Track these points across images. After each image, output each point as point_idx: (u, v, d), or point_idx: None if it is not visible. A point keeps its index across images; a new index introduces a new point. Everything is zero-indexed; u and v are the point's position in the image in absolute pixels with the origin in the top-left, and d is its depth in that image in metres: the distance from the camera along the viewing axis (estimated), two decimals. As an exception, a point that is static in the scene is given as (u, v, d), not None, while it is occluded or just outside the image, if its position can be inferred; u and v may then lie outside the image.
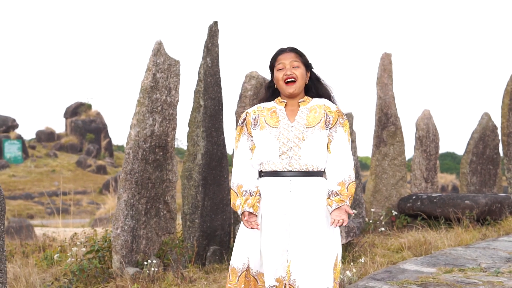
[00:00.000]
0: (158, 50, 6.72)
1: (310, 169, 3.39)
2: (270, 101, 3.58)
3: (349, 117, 9.43)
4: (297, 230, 3.34)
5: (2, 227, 5.17)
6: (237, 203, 3.47)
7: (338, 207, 3.33)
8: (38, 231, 13.64)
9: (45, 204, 29.32)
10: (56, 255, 7.37)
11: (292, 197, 3.37)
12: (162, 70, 6.72)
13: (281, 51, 3.52)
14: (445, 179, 35.75)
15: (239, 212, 3.45)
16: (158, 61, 6.69)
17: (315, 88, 3.56)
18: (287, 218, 3.36)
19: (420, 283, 5.44)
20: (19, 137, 37.96)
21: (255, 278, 3.45)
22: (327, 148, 3.44)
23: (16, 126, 39.23)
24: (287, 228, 3.35)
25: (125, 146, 6.65)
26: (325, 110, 3.45)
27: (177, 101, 6.90)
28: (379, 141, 10.11)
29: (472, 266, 6.17)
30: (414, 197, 9.72)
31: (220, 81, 7.50)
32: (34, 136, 41.82)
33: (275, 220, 3.38)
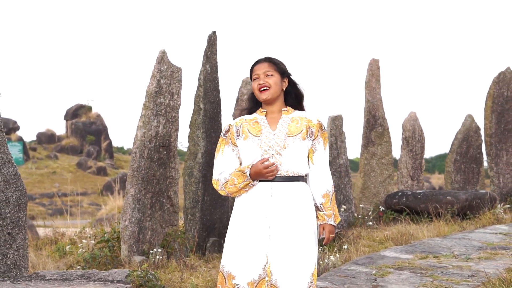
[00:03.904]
0: (162, 58, 7.38)
1: (291, 175, 3.53)
2: (254, 110, 3.73)
3: (339, 119, 10.10)
4: (277, 232, 3.47)
5: (24, 218, 5.84)
6: (240, 179, 3.55)
7: (321, 224, 3.55)
8: (40, 231, 14.22)
9: (46, 205, 29.91)
10: (68, 247, 8.02)
11: (273, 202, 3.50)
12: (166, 76, 7.39)
13: (256, 63, 3.69)
14: (442, 180, 36.38)
15: (247, 173, 3.52)
16: (162, 68, 7.35)
17: (294, 93, 3.70)
18: (267, 222, 3.48)
19: (397, 267, 6.12)
20: (20, 139, 38.45)
21: (224, 278, 3.53)
22: (310, 158, 3.60)
23: (17, 128, 39.72)
24: (267, 231, 3.47)
25: (132, 146, 7.31)
26: (307, 123, 3.60)
27: (179, 104, 7.56)
28: (367, 142, 10.78)
29: (446, 254, 6.85)
30: (400, 194, 10.40)
31: (218, 86, 8.16)
32: (34, 138, 42.33)
33: (256, 224, 3.49)
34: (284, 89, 3.69)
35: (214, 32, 8.11)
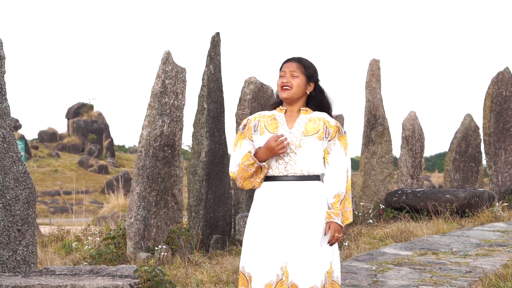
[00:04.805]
0: (167, 59, 7.53)
1: (305, 174, 3.55)
2: (278, 106, 3.76)
3: (340, 118, 10.25)
4: (292, 232, 3.49)
5: (33, 215, 6.00)
6: (245, 159, 3.59)
7: (327, 222, 3.53)
8: (43, 229, 14.38)
9: (48, 203, 30.11)
10: (74, 243, 8.19)
11: (287, 201, 3.53)
12: (170, 77, 7.54)
13: (287, 60, 3.72)
14: (442, 178, 36.47)
15: (252, 152, 3.57)
16: (166, 69, 7.51)
17: (318, 99, 3.71)
18: (282, 221, 3.51)
19: (396, 263, 6.29)
20: (22, 138, 38.56)
21: (246, 279, 3.56)
22: (326, 159, 3.61)
23: (19, 126, 39.88)
24: (283, 230, 3.49)
25: (137, 145, 7.48)
26: (324, 123, 3.61)
27: (184, 104, 7.72)
28: (368, 141, 10.95)
29: (445, 250, 7.02)
30: (400, 192, 10.57)
31: (222, 86, 8.32)
32: (36, 137, 42.53)
33: (271, 223, 3.52)
34: (308, 93, 3.71)
35: (218, 33, 8.26)
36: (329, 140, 3.61)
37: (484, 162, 12.49)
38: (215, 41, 8.23)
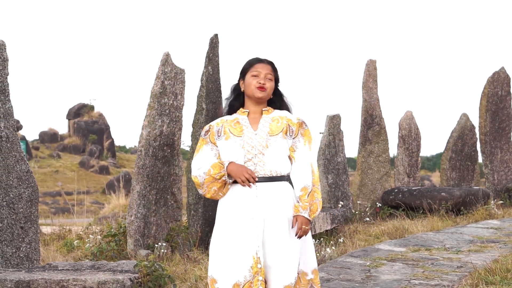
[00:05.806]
0: (166, 60, 7.69)
1: (274, 175, 3.57)
2: (236, 104, 3.78)
3: (337, 118, 10.41)
4: (266, 233, 3.51)
5: (36, 213, 6.17)
6: (217, 170, 3.59)
7: (295, 215, 3.54)
8: (44, 229, 14.53)
9: (49, 204, 30.26)
10: (75, 241, 8.35)
11: (258, 202, 3.53)
12: (170, 78, 7.71)
13: (259, 61, 3.73)
14: (440, 177, 36.58)
15: (225, 165, 3.58)
16: (166, 70, 7.67)
17: (278, 102, 3.77)
18: (254, 223, 3.51)
19: (390, 259, 6.45)
20: (23, 138, 38.64)
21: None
22: (292, 156, 3.65)
23: (20, 127, 40.00)
24: (255, 232, 3.50)
25: (137, 144, 7.64)
26: (287, 121, 3.67)
27: (183, 105, 7.88)
28: (365, 140, 11.11)
29: (438, 247, 7.18)
30: (396, 190, 10.73)
31: (220, 86, 8.48)
32: (37, 137, 42.66)
33: (243, 226, 3.52)
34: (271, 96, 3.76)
35: (216, 35, 8.42)
36: (293, 138, 3.66)
37: (480, 160, 12.65)
38: (214, 43, 8.38)
